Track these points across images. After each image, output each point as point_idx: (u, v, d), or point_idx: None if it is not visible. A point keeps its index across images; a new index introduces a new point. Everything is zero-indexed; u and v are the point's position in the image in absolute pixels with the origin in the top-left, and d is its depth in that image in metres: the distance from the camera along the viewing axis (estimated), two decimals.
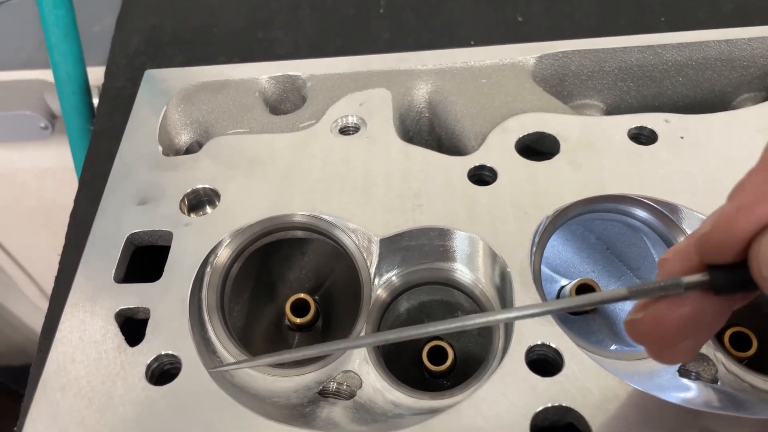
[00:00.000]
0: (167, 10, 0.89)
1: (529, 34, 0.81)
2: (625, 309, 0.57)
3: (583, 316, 0.56)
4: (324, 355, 0.46)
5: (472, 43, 0.81)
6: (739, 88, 0.62)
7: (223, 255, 0.49)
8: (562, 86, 0.63)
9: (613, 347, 0.54)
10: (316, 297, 0.60)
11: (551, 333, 0.42)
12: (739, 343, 0.50)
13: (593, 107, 0.64)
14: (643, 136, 0.53)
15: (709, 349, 0.45)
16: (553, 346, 0.41)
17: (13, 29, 1.24)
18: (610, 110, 0.64)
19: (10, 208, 1.57)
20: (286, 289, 0.61)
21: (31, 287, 1.79)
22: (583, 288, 0.53)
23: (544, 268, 0.60)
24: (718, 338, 0.50)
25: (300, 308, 0.54)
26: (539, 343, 0.42)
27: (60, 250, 0.68)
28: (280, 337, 0.57)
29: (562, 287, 0.57)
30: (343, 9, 0.87)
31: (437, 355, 0.51)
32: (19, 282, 1.79)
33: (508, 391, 0.40)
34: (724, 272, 0.30)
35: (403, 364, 0.53)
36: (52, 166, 1.42)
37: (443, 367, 0.51)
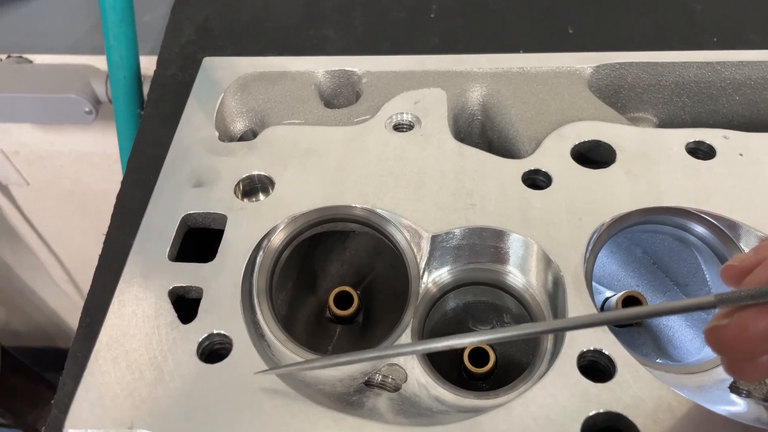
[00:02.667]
0: (221, 2, 0.90)
1: (579, 46, 0.81)
2: (669, 324, 0.56)
3: (628, 329, 0.55)
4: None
5: (521, 52, 0.82)
6: None
7: (277, 239, 0.49)
8: (617, 98, 0.62)
9: (658, 361, 0.53)
10: (358, 291, 0.60)
11: (604, 339, 0.42)
12: None
13: (646, 121, 0.64)
14: (701, 151, 0.53)
15: None
16: (606, 352, 0.41)
17: (65, 14, 1.26)
18: (664, 125, 0.64)
19: (46, 190, 1.60)
20: (327, 282, 0.62)
21: (58, 270, 1.82)
22: (630, 300, 0.52)
23: None
24: None
25: (343, 300, 0.54)
26: (591, 348, 0.41)
27: (91, 235, 0.69)
28: (320, 328, 0.57)
29: (607, 299, 0.56)
30: (394, 12, 0.88)
31: (478, 357, 0.51)
32: (47, 264, 1.82)
33: (559, 394, 0.40)
34: None
35: (443, 364, 0.53)
36: (91, 152, 1.44)
37: (484, 370, 0.50)
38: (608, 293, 0.58)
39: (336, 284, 0.62)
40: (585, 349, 0.41)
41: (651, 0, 0.86)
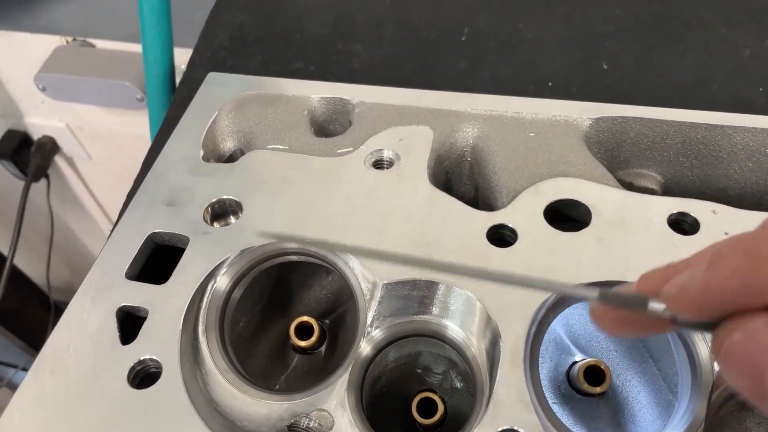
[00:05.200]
0: (257, 10, 0.92)
1: (611, 84, 0.78)
2: (638, 398, 0.53)
3: (589, 399, 0.53)
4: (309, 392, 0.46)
5: (550, 84, 0.79)
6: None
7: (226, 273, 0.50)
8: (619, 151, 0.59)
9: None
10: (327, 321, 0.60)
11: (526, 420, 0.40)
12: None
13: (650, 178, 0.60)
14: (686, 224, 0.50)
15: None
16: None
17: (130, 2, 1.31)
18: (669, 184, 0.60)
19: (106, 165, 1.68)
20: (303, 307, 0.62)
21: None
22: (591, 370, 0.50)
23: (564, 338, 0.57)
24: None
25: (304, 331, 0.54)
26: (510, 428, 0.40)
27: None
28: (281, 354, 0.58)
29: (575, 363, 0.54)
30: (425, 32, 0.87)
31: (427, 407, 0.50)
32: (107, 233, 1.89)
33: None
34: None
35: (394, 413, 0.53)
36: (145, 135, 1.50)
37: (431, 421, 0.50)
38: (578, 357, 0.56)
39: (312, 311, 0.62)
40: (504, 428, 0.40)
41: (699, 40, 0.81)
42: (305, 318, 0.54)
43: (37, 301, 1.95)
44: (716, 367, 0.44)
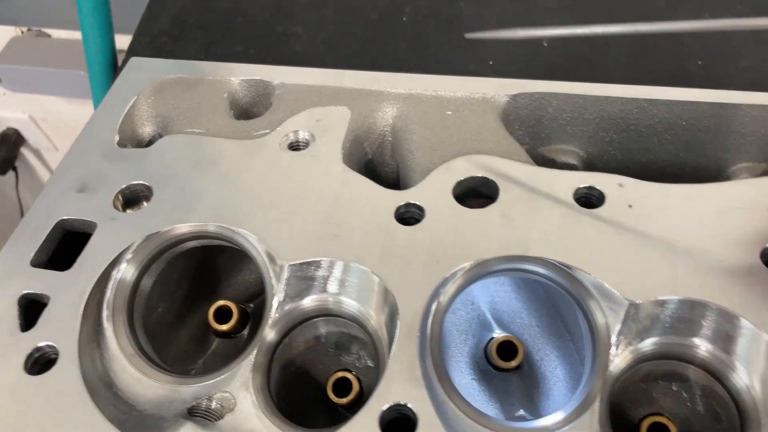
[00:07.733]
0: None
1: (552, 61, 0.78)
2: (555, 372, 0.53)
3: (504, 374, 0.53)
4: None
5: (491, 63, 0.79)
6: (737, 155, 0.57)
7: (132, 259, 0.49)
8: (540, 128, 0.59)
9: (520, 412, 0.51)
10: (252, 305, 0.60)
11: (416, 396, 0.40)
12: None
13: (572, 154, 0.60)
14: (593, 197, 0.50)
15: None
16: (411, 408, 0.40)
17: None
18: (592, 159, 0.60)
19: None
20: (231, 291, 0.62)
21: None
22: (504, 345, 0.51)
23: (487, 315, 0.57)
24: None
25: (223, 314, 0.54)
26: (398, 402, 0.40)
27: None
28: (203, 339, 0.58)
29: (492, 339, 0.54)
30: (367, 12, 0.86)
31: (343, 386, 0.50)
32: None
33: None
34: None
35: (313, 393, 0.53)
36: None
37: (347, 400, 0.50)
38: (497, 333, 0.56)
39: (240, 295, 0.62)
40: (394, 402, 0.40)
41: (639, 13, 0.81)
42: (224, 302, 0.54)
43: None
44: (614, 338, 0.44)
